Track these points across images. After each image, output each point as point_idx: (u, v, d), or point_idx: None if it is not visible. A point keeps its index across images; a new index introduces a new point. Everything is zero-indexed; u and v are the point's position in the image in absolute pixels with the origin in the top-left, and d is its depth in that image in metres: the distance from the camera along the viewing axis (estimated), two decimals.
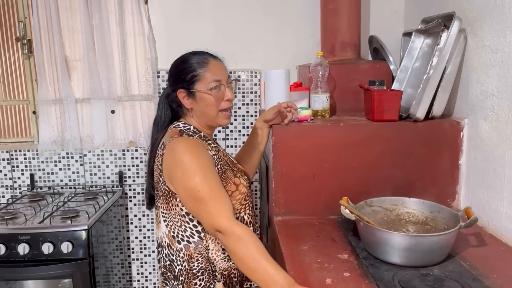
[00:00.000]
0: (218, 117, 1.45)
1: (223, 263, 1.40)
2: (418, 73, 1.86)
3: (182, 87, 1.41)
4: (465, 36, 1.68)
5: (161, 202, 1.41)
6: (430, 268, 1.28)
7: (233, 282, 1.44)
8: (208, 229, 1.31)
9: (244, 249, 1.20)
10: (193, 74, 1.39)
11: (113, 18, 2.41)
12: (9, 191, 2.59)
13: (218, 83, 1.41)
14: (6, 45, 2.55)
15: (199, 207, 1.29)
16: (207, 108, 1.42)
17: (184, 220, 1.37)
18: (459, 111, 1.77)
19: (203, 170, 1.30)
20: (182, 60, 1.45)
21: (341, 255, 1.39)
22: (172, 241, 1.39)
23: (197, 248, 1.37)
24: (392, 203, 1.57)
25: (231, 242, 1.22)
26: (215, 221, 1.24)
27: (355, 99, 1.97)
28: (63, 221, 2.04)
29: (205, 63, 1.41)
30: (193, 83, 1.40)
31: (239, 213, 1.45)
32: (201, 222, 1.34)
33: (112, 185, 2.60)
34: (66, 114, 2.48)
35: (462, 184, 1.75)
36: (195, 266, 1.37)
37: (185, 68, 1.41)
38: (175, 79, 1.45)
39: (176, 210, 1.37)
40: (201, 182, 1.27)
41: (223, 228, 1.23)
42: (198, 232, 1.37)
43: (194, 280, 1.37)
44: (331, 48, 2.18)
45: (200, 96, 1.41)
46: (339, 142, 1.71)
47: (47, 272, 1.98)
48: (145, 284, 2.72)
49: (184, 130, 1.42)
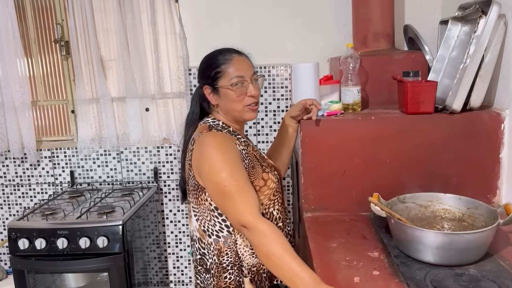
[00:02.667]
0: (244, 112, 1.44)
1: (251, 259, 1.40)
2: (455, 62, 1.77)
3: (207, 83, 1.44)
4: (505, 22, 1.58)
5: (192, 196, 1.42)
6: (465, 268, 1.22)
7: (262, 278, 1.43)
8: (234, 224, 1.31)
9: (269, 245, 1.19)
10: (217, 71, 1.41)
11: (145, 17, 2.45)
12: (51, 187, 2.71)
13: (241, 79, 1.41)
14: (45, 47, 2.66)
15: (226, 202, 1.29)
16: (231, 103, 1.43)
17: (213, 214, 1.38)
18: (499, 101, 1.67)
19: (230, 165, 1.30)
20: (208, 57, 1.48)
21: (371, 253, 1.35)
22: (203, 235, 1.41)
23: (226, 242, 1.38)
24: (426, 199, 1.50)
25: (256, 238, 1.22)
26: (241, 216, 1.25)
27: (389, 91, 1.91)
28: (99, 216, 2.11)
29: (229, 60, 1.42)
30: (217, 79, 1.41)
31: (268, 208, 1.44)
32: (227, 217, 1.34)
33: (148, 181, 2.66)
34: (103, 112, 2.55)
35: (503, 178, 1.65)
36: (225, 260, 1.38)
37: (210, 65, 1.44)
38: (201, 76, 1.48)
39: (205, 204, 1.38)
40: (228, 177, 1.28)
41: (248, 224, 1.23)
42: (227, 227, 1.38)
43: (224, 274, 1.38)
44: (363, 39, 2.12)
45: (223, 92, 1.42)
46: (370, 136, 1.66)
47: (84, 266, 2.05)
48: (181, 278, 2.77)
49: (213, 125, 1.44)
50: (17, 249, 2.05)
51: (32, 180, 2.71)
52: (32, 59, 2.65)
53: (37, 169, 2.70)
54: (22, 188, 2.72)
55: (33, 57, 2.64)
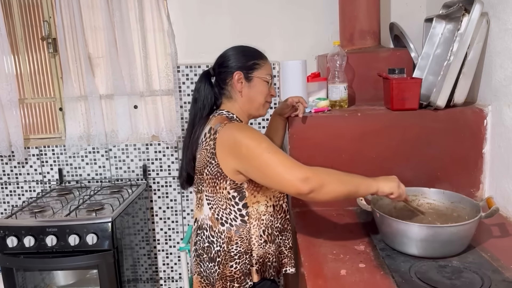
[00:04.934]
0: (263, 106, 1.51)
1: (260, 249, 1.42)
2: (439, 60, 1.81)
3: (241, 70, 1.46)
4: (487, 20, 1.62)
5: (207, 185, 1.43)
6: (448, 260, 1.26)
7: (268, 268, 1.45)
8: (290, 187, 1.27)
9: (334, 174, 1.30)
10: (255, 62, 1.48)
11: (133, 14, 2.45)
12: (39, 185, 2.69)
13: (271, 79, 1.51)
14: (32, 44, 2.63)
15: (275, 169, 1.27)
16: (258, 95, 1.48)
17: (230, 203, 1.39)
18: (482, 98, 1.71)
19: (265, 139, 1.34)
20: (245, 48, 1.52)
21: (358, 246, 1.38)
22: (215, 222, 1.42)
23: (238, 231, 1.40)
24: (411, 193, 1.54)
25: (321, 178, 1.25)
26: (298, 172, 1.25)
27: (375, 88, 1.94)
28: (88, 213, 2.11)
29: (264, 57, 1.52)
30: (253, 69, 1.47)
31: (279, 201, 1.47)
32: (280, 185, 1.30)
33: (136, 178, 2.66)
34: (91, 110, 2.54)
35: (486, 173, 1.69)
36: (234, 249, 1.40)
37: (248, 55, 1.49)
38: (234, 62, 1.49)
39: (223, 193, 1.39)
40: (269, 148, 1.30)
41: (307, 175, 1.24)
42: (241, 216, 1.40)
43: (230, 263, 1.40)
44: (350, 37, 2.14)
45: (256, 82, 1.47)
46: (357, 132, 1.69)
47: (73, 263, 2.05)
48: (171, 274, 2.78)
49: (230, 117, 1.47)
50: (5, 247, 2.04)
51: (20, 178, 2.69)
52: (19, 56, 2.62)
53: (25, 167, 2.68)
54: (10, 186, 2.71)
55: (20, 54, 2.62)
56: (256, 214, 1.40)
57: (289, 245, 1.52)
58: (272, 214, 1.44)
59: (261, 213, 1.41)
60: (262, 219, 1.41)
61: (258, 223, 1.40)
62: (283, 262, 1.52)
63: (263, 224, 1.41)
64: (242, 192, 1.38)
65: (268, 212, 1.42)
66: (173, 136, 2.54)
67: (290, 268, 1.52)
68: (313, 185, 1.23)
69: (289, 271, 1.52)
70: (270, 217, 1.43)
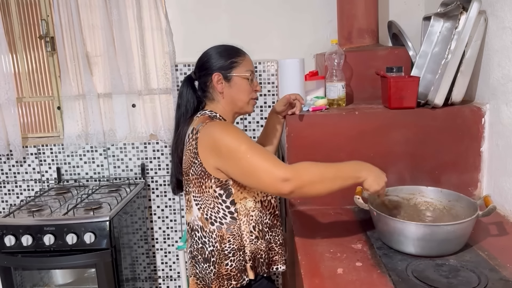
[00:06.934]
0: (248, 104, 1.51)
1: (251, 245, 1.42)
2: (437, 58, 1.81)
3: (219, 71, 1.46)
4: (485, 18, 1.61)
5: (194, 186, 1.43)
6: (446, 258, 1.25)
7: (260, 264, 1.45)
8: (271, 187, 1.28)
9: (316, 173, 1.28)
10: (232, 60, 1.47)
11: (131, 13, 2.45)
12: (37, 184, 2.69)
13: (252, 75, 1.49)
14: (30, 43, 2.63)
15: (255, 171, 1.27)
16: (240, 93, 1.47)
17: (217, 201, 1.39)
18: (480, 96, 1.71)
19: (246, 139, 1.32)
20: (221, 48, 1.51)
21: (355, 245, 1.38)
22: (205, 223, 1.42)
23: (229, 229, 1.39)
24: (409, 192, 1.54)
25: (302, 177, 1.25)
26: (278, 173, 1.24)
27: (373, 86, 1.93)
28: (86, 212, 2.11)
29: (243, 54, 1.50)
30: (231, 68, 1.46)
31: (267, 197, 1.47)
32: (261, 186, 1.31)
33: (135, 177, 2.66)
34: (89, 109, 2.54)
35: (484, 171, 1.69)
36: (227, 247, 1.39)
37: (224, 55, 1.48)
38: (212, 64, 1.48)
39: (209, 192, 1.39)
40: (248, 149, 1.29)
41: (286, 175, 1.23)
42: (231, 213, 1.39)
43: (225, 261, 1.39)
44: (348, 35, 2.14)
45: (236, 81, 1.47)
46: (354, 131, 1.69)
47: (71, 262, 2.05)
48: (169, 273, 2.78)
49: (213, 116, 1.47)
50: (3, 246, 2.04)
51: (18, 177, 2.69)
52: (17, 55, 2.62)
53: (23, 166, 2.68)
54: (8, 185, 2.70)
55: (18, 53, 2.62)
56: (244, 210, 1.40)
57: (279, 242, 1.51)
58: (260, 209, 1.44)
59: (250, 209, 1.41)
60: (251, 215, 1.41)
61: (248, 219, 1.40)
62: (274, 259, 1.50)
63: (253, 220, 1.41)
64: (228, 189, 1.38)
65: (257, 208, 1.42)
66: (171, 135, 2.54)
67: (281, 266, 1.51)
68: (293, 185, 1.23)
69: (280, 269, 1.50)
70: (259, 213, 1.43)
